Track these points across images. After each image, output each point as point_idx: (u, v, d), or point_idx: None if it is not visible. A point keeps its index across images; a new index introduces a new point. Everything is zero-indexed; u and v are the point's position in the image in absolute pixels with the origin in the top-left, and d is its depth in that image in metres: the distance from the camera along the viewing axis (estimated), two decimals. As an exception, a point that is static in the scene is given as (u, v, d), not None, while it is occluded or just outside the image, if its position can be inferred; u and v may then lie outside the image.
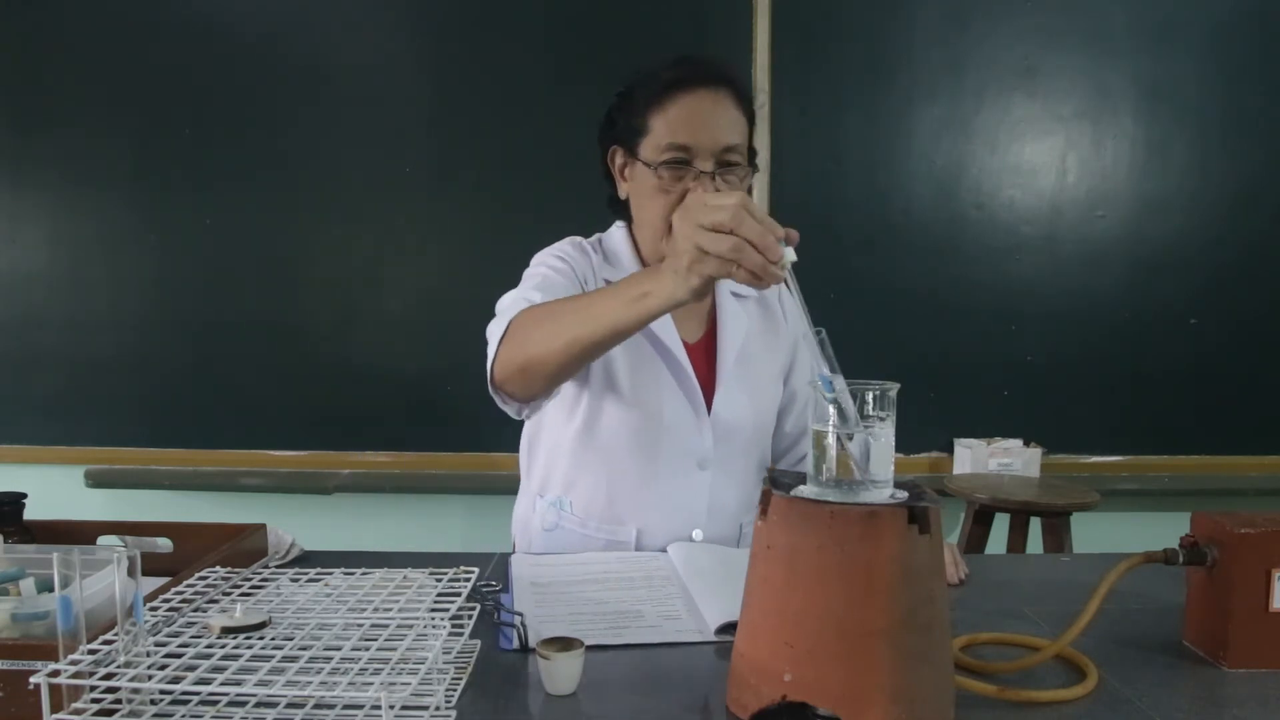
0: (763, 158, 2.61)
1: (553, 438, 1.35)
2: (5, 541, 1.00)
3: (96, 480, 2.70)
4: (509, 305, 1.18)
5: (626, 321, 0.97)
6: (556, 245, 1.35)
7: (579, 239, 1.37)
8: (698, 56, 1.23)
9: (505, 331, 1.11)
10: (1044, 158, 2.64)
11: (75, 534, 1.14)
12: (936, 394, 2.65)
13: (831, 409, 0.75)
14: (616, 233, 1.37)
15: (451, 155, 2.64)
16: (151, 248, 2.69)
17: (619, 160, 1.29)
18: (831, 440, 0.75)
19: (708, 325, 1.36)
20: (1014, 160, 2.64)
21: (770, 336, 1.40)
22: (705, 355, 1.34)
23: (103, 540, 1.14)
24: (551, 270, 1.27)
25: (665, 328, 1.29)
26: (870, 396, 0.75)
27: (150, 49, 2.64)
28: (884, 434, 0.75)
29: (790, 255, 0.84)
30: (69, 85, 2.67)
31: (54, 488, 2.66)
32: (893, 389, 0.76)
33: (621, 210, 1.33)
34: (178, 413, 2.72)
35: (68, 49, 2.66)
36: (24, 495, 1.14)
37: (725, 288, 1.35)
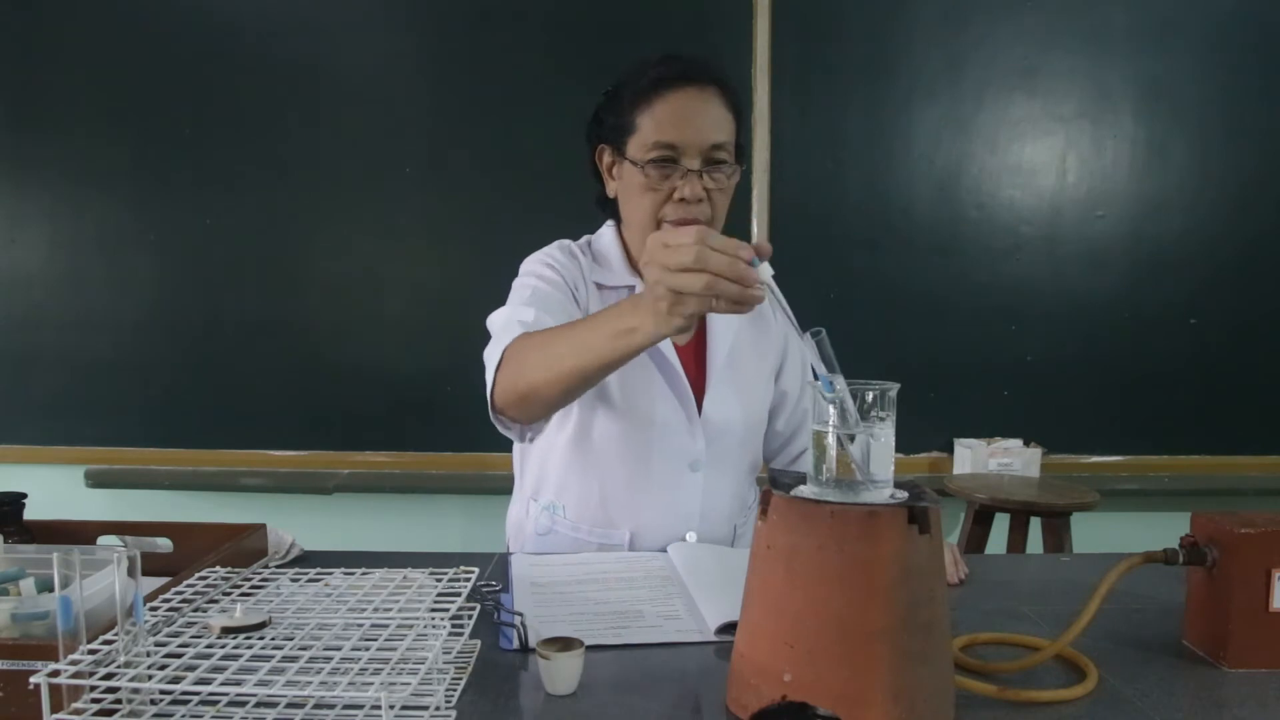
0: (762, 158, 2.62)
1: (545, 442, 1.35)
2: (5, 541, 1.00)
3: (96, 480, 2.70)
4: (501, 326, 1.19)
5: (615, 357, 0.99)
6: (545, 250, 1.34)
7: (567, 242, 1.36)
8: (685, 55, 1.23)
9: (501, 359, 1.12)
10: (1044, 158, 2.64)
11: (75, 534, 1.14)
12: (936, 394, 2.65)
13: (831, 409, 0.75)
14: (607, 233, 1.36)
15: (451, 156, 2.64)
16: (151, 248, 2.69)
17: (607, 159, 1.29)
18: (831, 440, 0.75)
19: (698, 327, 1.36)
20: (1014, 160, 2.64)
21: (760, 337, 1.40)
22: (695, 357, 1.34)
23: (103, 540, 1.14)
24: (541, 282, 1.27)
25: None
26: (870, 396, 0.75)
27: (150, 49, 2.65)
28: (884, 434, 0.75)
29: (766, 270, 0.83)
30: (69, 85, 2.67)
31: (54, 488, 2.66)
32: (893, 389, 0.76)
33: (610, 209, 1.33)
34: (178, 413, 2.72)
35: (68, 49, 2.66)
36: (24, 495, 1.14)
37: None
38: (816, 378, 0.76)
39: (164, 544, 1.14)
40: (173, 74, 2.65)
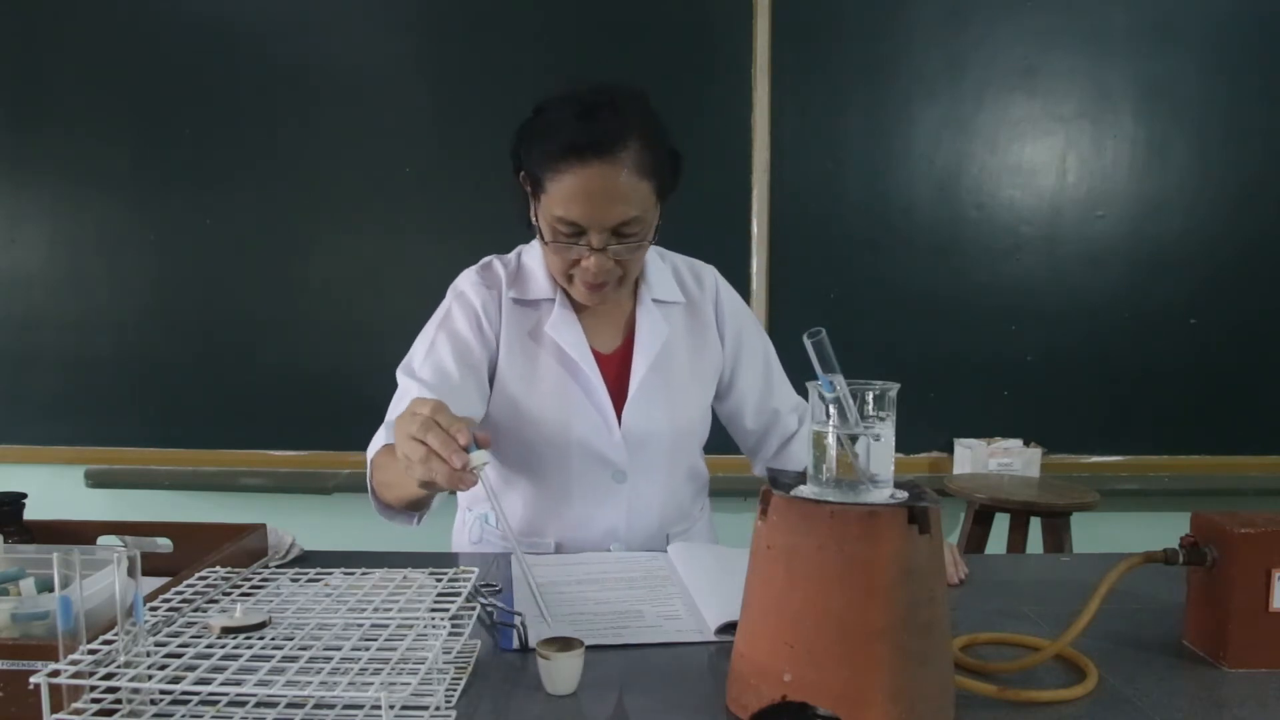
0: (762, 158, 2.62)
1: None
2: (5, 541, 1.00)
3: (96, 480, 2.70)
4: (398, 394, 1.24)
5: (414, 496, 1.08)
6: (465, 276, 1.33)
7: (492, 259, 1.35)
8: (599, 115, 1.13)
9: (371, 472, 1.17)
10: (1044, 158, 2.64)
11: (75, 534, 1.14)
12: (936, 394, 2.65)
13: (832, 409, 0.75)
14: (536, 245, 1.31)
15: (451, 155, 2.64)
16: (151, 248, 2.69)
17: (527, 188, 1.23)
18: (831, 440, 0.75)
19: (626, 334, 1.33)
20: (1014, 160, 2.64)
21: (697, 342, 1.36)
22: (621, 365, 1.31)
23: (103, 540, 1.14)
24: (445, 336, 1.26)
25: (574, 339, 1.28)
26: (870, 396, 0.75)
27: (150, 49, 2.64)
28: (884, 434, 0.75)
29: (480, 458, 0.87)
30: (69, 85, 2.67)
31: (54, 488, 2.66)
32: (893, 389, 0.76)
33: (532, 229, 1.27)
34: (178, 413, 2.72)
35: (68, 49, 2.66)
36: (24, 495, 1.14)
37: (647, 294, 1.33)
38: (817, 378, 0.76)
39: (164, 544, 1.14)
40: (172, 74, 2.64)
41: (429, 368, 1.24)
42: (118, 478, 2.70)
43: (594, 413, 1.28)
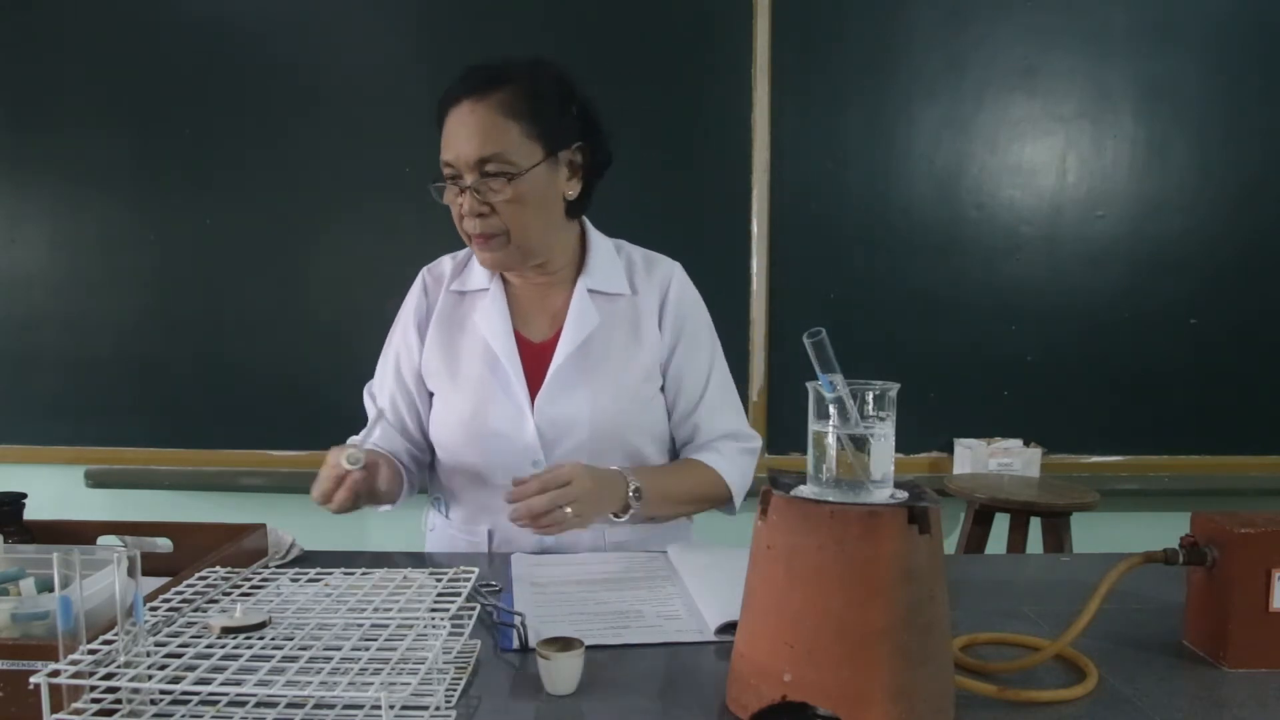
0: (762, 158, 2.62)
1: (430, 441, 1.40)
2: (5, 541, 1.00)
3: (96, 480, 2.70)
4: (369, 420, 1.36)
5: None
6: (410, 292, 1.42)
7: (445, 257, 1.44)
8: (475, 70, 1.22)
9: None
10: (1044, 158, 2.64)
11: (75, 534, 1.14)
12: (936, 394, 2.65)
13: (832, 409, 0.75)
14: None
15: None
16: (151, 248, 2.69)
17: None
18: (831, 440, 0.75)
19: (560, 323, 1.33)
20: (1014, 160, 2.64)
21: (635, 335, 1.34)
22: (549, 354, 1.32)
23: (103, 540, 1.14)
24: (394, 354, 1.39)
25: (497, 327, 1.31)
26: (870, 396, 0.75)
27: (150, 49, 2.64)
28: (884, 434, 0.75)
29: (353, 459, 1.14)
30: (69, 85, 2.67)
31: (54, 488, 2.66)
32: (893, 389, 0.76)
33: None
34: (178, 413, 2.72)
35: (68, 49, 2.65)
36: (24, 495, 1.15)
37: (583, 284, 1.33)
38: (817, 378, 0.76)
39: (164, 544, 1.14)
40: (172, 74, 2.64)
41: (385, 394, 1.39)
42: (118, 478, 2.70)
43: (508, 400, 1.29)
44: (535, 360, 1.31)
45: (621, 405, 1.32)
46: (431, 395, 1.37)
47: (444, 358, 1.34)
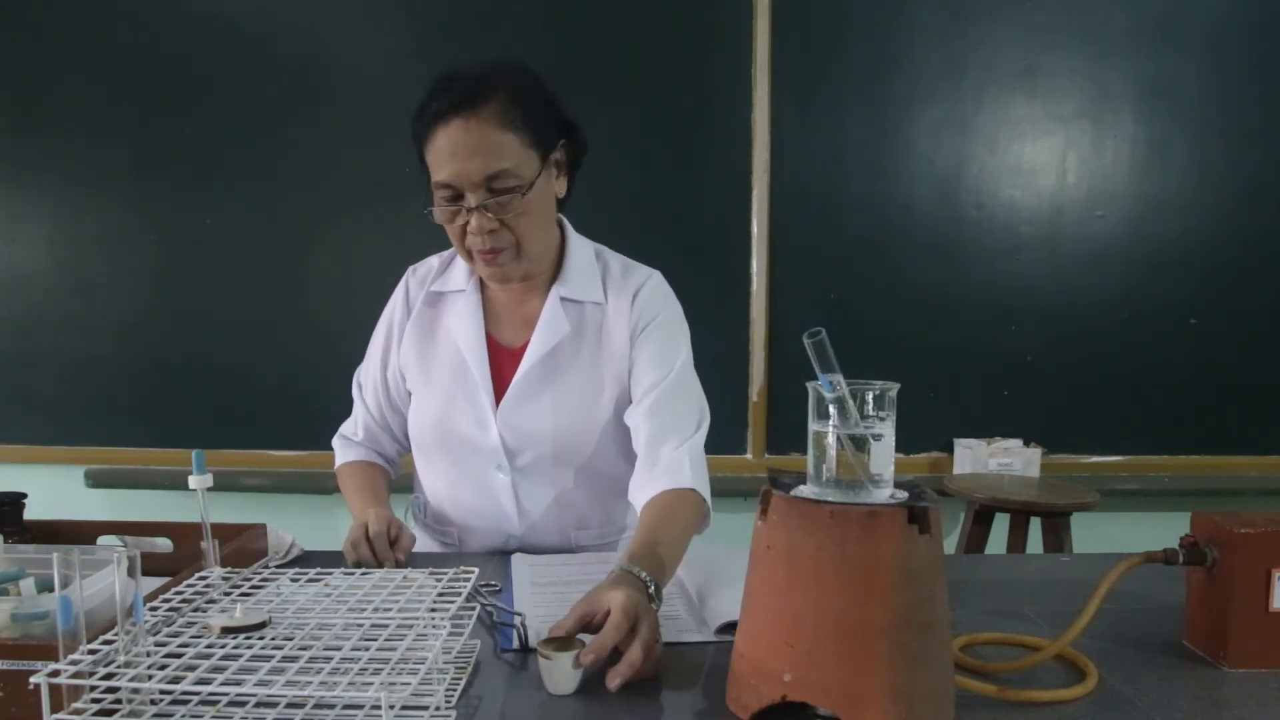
0: (762, 158, 2.62)
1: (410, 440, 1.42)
2: (5, 541, 1.00)
3: (96, 480, 2.70)
4: (354, 413, 1.46)
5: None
6: (401, 282, 1.43)
7: (431, 257, 1.43)
8: (460, 75, 1.17)
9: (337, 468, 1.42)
10: (1044, 158, 2.64)
11: (75, 534, 1.14)
12: (936, 394, 2.65)
13: (832, 409, 0.75)
14: None
15: (451, 155, 2.63)
16: (151, 247, 2.69)
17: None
18: (831, 440, 0.75)
19: (533, 330, 1.31)
20: (1014, 160, 2.64)
21: (604, 343, 1.31)
22: (519, 360, 1.30)
23: (103, 540, 1.14)
24: (379, 352, 1.41)
25: (469, 330, 1.30)
26: (870, 396, 0.75)
27: (149, 49, 2.64)
28: (884, 434, 0.75)
29: (203, 483, 1.05)
30: (69, 85, 2.67)
31: (54, 488, 2.66)
32: (893, 389, 0.76)
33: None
34: (178, 413, 2.72)
35: (68, 49, 2.65)
36: (24, 495, 1.14)
37: (556, 292, 1.30)
38: (817, 378, 0.76)
39: (164, 544, 1.14)
40: (173, 74, 2.64)
41: (370, 388, 1.42)
42: (118, 478, 2.70)
43: (471, 405, 1.29)
44: (506, 366, 1.30)
45: (584, 417, 1.29)
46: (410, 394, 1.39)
47: (418, 359, 1.35)
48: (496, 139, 1.15)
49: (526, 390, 1.28)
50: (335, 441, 1.46)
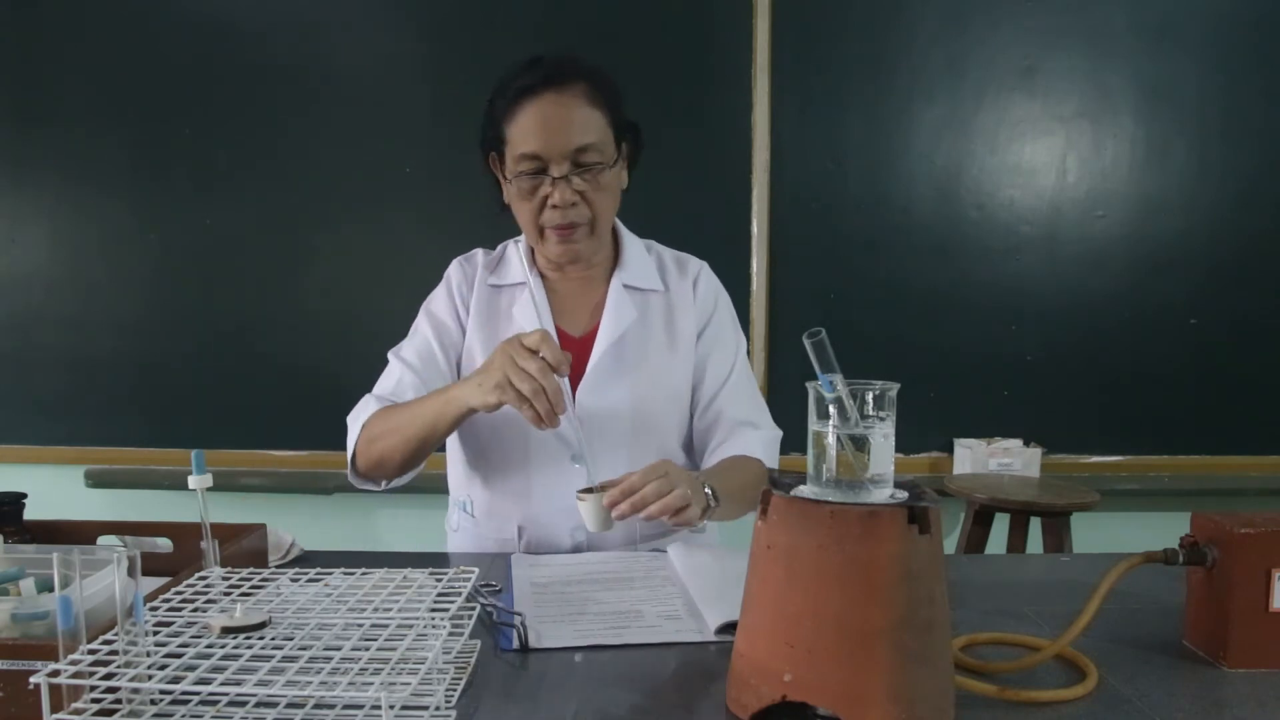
0: (762, 158, 2.62)
1: (453, 441, 1.40)
2: (5, 541, 1.00)
3: (96, 480, 2.70)
4: (385, 373, 1.36)
5: (438, 420, 1.17)
6: (452, 264, 1.43)
7: (477, 251, 1.44)
8: (547, 58, 1.23)
9: (360, 432, 1.28)
10: (1044, 158, 2.64)
11: (75, 534, 1.14)
12: (936, 394, 2.65)
13: (832, 409, 0.75)
14: (521, 238, 1.38)
15: (451, 155, 2.63)
16: (151, 248, 2.70)
17: (496, 166, 1.31)
18: (831, 440, 0.75)
19: (598, 318, 1.35)
20: (1014, 160, 2.64)
21: (670, 329, 1.37)
22: (589, 347, 1.33)
23: (103, 540, 1.14)
24: (427, 319, 1.38)
25: (539, 319, 1.30)
26: (870, 396, 0.75)
27: (150, 49, 2.64)
28: (884, 434, 0.75)
29: (204, 483, 0.98)
30: (69, 84, 2.67)
31: (54, 488, 2.66)
32: (893, 389, 0.76)
33: (509, 212, 1.34)
34: (178, 413, 2.72)
35: (68, 49, 2.66)
36: (24, 495, 1.14)
37: (620, 279, 1.36)
38: (817, 378, 0.76)
39: (164, 544, 1.14)
40: (172, 74, 2.64)
41: (412, 349, 1.36)
42: (118, 478, 2.70)
43: None
44: (575, 354, 1.30)
45: (661, 398, 1.34)
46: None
47: (485, 351, 1.33)
48: (586, 114, 1.22)
49: (601, 374, 1.31)
50: (353, 413, 1.34)
